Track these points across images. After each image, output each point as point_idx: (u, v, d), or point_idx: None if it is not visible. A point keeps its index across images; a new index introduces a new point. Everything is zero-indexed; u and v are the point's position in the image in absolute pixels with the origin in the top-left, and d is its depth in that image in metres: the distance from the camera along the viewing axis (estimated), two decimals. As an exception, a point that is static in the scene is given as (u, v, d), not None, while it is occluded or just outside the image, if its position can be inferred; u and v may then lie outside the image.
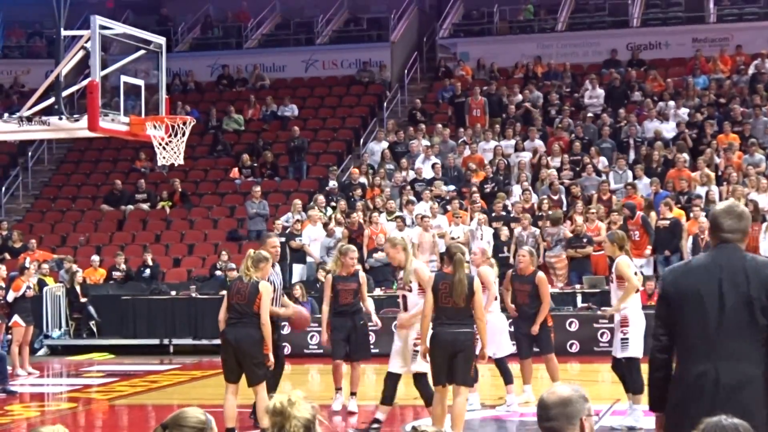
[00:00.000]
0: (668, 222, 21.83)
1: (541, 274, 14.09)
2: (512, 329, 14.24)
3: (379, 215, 23.19)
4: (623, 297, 12.11)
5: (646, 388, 6.11)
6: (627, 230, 21.78)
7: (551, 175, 24.49)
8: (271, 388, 11.63)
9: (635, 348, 12.06)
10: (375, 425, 11.95)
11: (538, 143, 26.41)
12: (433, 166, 25.68)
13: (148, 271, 24.30)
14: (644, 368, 12.22)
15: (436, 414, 10.91)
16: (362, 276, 14.01)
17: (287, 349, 16.10)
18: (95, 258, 24.92)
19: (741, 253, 5.80)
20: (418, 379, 11.42)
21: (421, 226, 22.45)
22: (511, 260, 21.84)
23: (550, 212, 22.76)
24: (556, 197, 23.81)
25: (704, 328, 5.61)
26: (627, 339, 12.02)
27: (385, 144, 27.80)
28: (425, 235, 22.36)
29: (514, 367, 14.05)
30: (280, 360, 12.29)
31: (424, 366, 11.14)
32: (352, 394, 13.98)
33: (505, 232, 22.40)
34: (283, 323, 13.41)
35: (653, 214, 22.24)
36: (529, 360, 13.93)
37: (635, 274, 12.29)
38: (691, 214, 21.92)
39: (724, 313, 5.58)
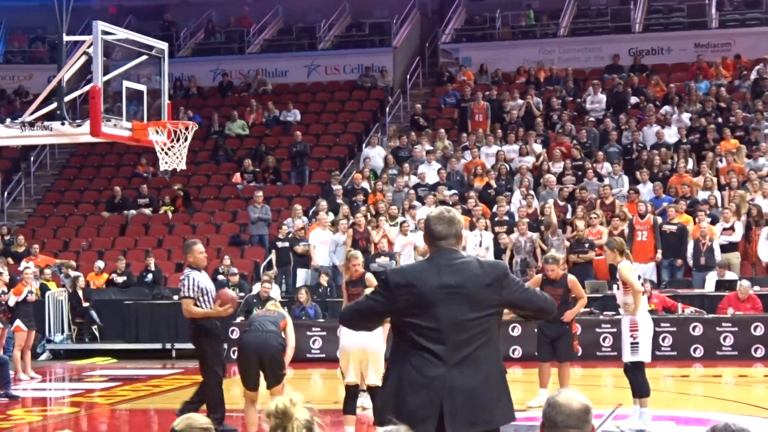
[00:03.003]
0: (675, 227, 21.86)
1: (571, 276, 14.13)
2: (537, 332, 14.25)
3: (383, 220, 23.18)
4: (635, 303, 11.98)
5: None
6: (634, 231, 21.87)
7: (550, 181, 24.45)
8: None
9: (645, 352, 12.03)
10: None
11: (540, 148, 26.42)
12: (438, 171, 25.65)
13: (150, 276, 24.31)
14: (651, 372, 12.32)
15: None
16: (369, 278, 13.93)
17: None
18: (98, 263, 24.92)
19: (457, 255, 5.91)
20: None
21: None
22: (513, 267, 21.90)
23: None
24: (563, 203, 23.80)
25: (437, 332, 5.70)
26: (637, 343, 11.94)
27: (380, 149, 27.81)
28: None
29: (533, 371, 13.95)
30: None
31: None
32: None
33: (503, 238, 22.41)
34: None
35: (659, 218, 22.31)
36: (547, 364, 13.92)
37: (638, 277, 12.28)
38: (696, 219, 21.95)
39: (453, 317, 5.70)
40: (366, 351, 11.23)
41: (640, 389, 11.98)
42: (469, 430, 5.64)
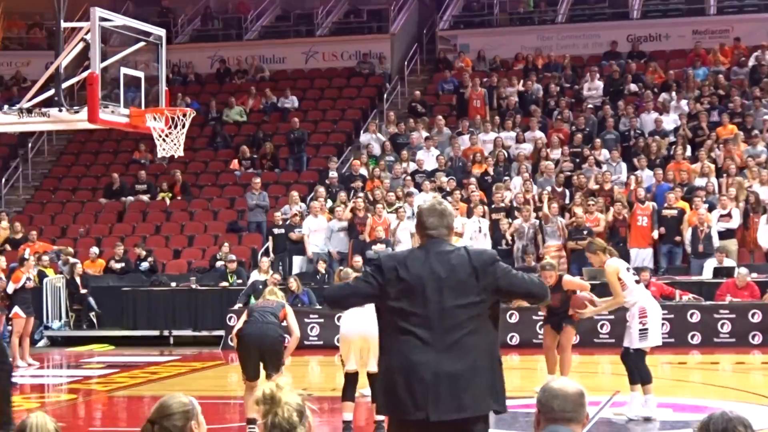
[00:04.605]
0: (675, 212, 21.89)
1: (566, 277, 14.29)
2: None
3: (381, 207, 23.17)
4: (614, 299, 12.09)
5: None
6: (634, 216, 21.91)
7: (548, 168, 24.47)
8: None
9: (654, 337, 12.01)
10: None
11: (538, 134, 26.41)
12: (437, 157, 25.64)
13: (144, 264, 24.25)
14: (654, 359, 12.33)
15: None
16: None
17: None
18: (93, 249, 24.92)
19: (447, 245, 5.99)
20: None
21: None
22: (514, 253, 21.93)
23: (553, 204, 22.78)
24: (560, 189, 23.80)
25: (425, 318, 5.77)
26: (646, 329, 11.92)
27: (378, 136, 27.78)
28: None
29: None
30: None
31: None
32: None
33: (504, 224, 22.42)
34: None
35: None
36: (553, 348, 13.87)
37: (627, 270, 12.26)
38: (693, 206, 21.96)
39: (441, 303, 5.77)
40: (367, 339, 11.20)
41: (642, 376, 11.96)
42: (453, 416, 5.68)
